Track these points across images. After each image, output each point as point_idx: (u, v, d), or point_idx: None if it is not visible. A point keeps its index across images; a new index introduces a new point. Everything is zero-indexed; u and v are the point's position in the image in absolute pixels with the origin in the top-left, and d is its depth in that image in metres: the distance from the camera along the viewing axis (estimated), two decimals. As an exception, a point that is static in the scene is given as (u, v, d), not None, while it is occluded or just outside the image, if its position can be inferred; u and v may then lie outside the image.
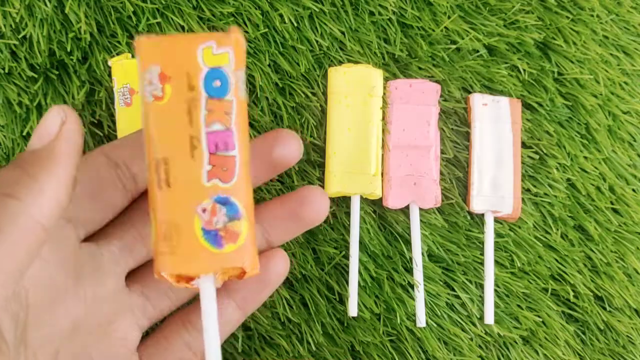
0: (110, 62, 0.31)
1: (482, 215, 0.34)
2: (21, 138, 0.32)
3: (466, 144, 0.35)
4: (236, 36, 0.20)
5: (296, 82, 0.34)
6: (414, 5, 0.35)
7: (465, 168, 0.35)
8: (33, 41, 0.32)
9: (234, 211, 0.20)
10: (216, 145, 0.19)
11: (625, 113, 0.37)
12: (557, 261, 0.35)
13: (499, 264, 0.34)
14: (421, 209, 0.34)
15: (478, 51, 0.35)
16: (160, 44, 0.19)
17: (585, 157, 0.36)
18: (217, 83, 0.19)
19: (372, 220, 0.34)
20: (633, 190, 0.36)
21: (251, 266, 0.20)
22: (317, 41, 0.34)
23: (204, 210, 0.19)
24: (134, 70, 0.31)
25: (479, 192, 0.34)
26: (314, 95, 0.34)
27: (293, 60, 0.34)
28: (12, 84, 0.31)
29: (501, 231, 0.35)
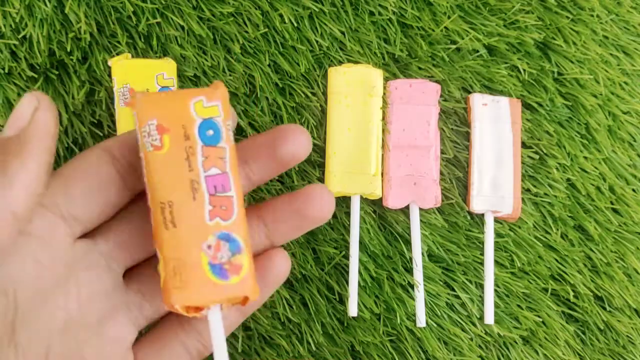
0: (110, 62, 0.31)
1: (482, 215, 0.34)
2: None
3: (466, 144, 0.35)
4: (222, 91, 0.22)
5: (296, 82, 0.34)
6: (414, 5, 0.35)
7: (465, 168, 0.35)
8: (33, 41, 0.32)
9: (236, 246, 0.22)
10: (215, 187, 0.21)
11: (625, 113, 0.37)
12: (557, 261, 0.35)
13: (499, 264, 0.34)
14: (421, 209, 0.34)
15: (478, 51, 0.35)
16: (155, 100, 0.21)
17: (585, 157, 0.36)
18: (210, 132, 0.21)
19: (372, 220, 0.34)
20: (633, 190, 0.36)
21: (253, 294, 0.22)
22: (317, 41, 0.34)
23: (209, 246, 0.21)
24: (134, 70, 0.31)
25: (479, 192, 0.34)
26: (314, 95, 0.34)
27: (293, 60, 0.34)
28: (12, 84, 0.31)
29: (501, 231, 0.35)
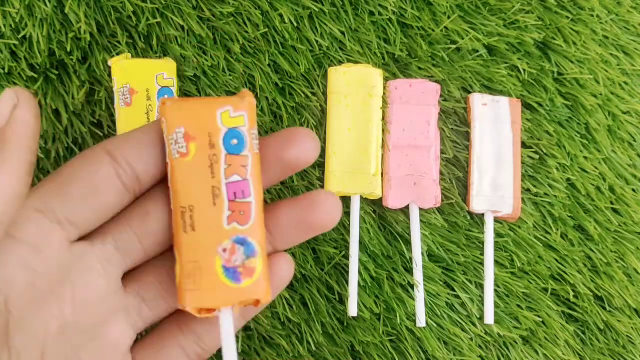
0: (110, 62, 0.31)
1: (482, 215, 0.34)
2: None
3: (466, 144, 0.35)
4: (249, 100, 0.22)
5: (296, 82, 0.34)
6: (414, 5, 0.35)
7: (465, 168, 0.35)
8: (33, 41, 0.32)
9: (251, 250, 0.22)
10: (235, 193, 0.22)
11: (625, 113, 0.37)
12: (557, 261, 0.35)
13: (499, 264, 0.34)
14: (421, 209, 0.34)
15: (478, 51, 0.35)
16: (183, 108, 0.22)
17: (585, 157, 0.36)
18: (235, 141, 0.22)
19: (372, 220, 0.34)
20: (633, 190, 0.36)
21: (265, 296, 0.22)
22: (317, 41, 0.34)
23: (224, 250, 0.22)
24: (134, 70, 0.31)
25: (479, 192, 0.34)
26: (314, 95, 0.34)
27: (293, 60, 0.34)
28: (12, 84, 0.31)
29: (501, 231, 0.35)
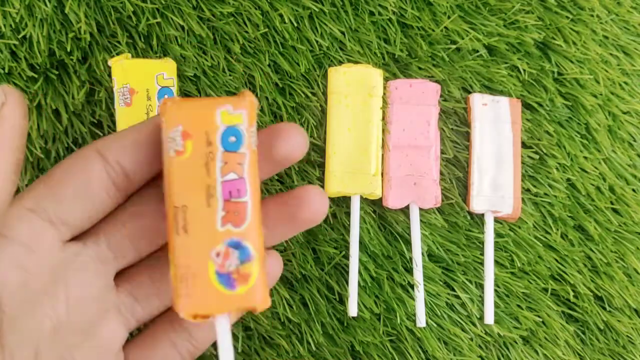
0: (110, 62, 0.31)
1: (482, 215, 0.34)
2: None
3: (466, 144, 0.35)
4: (250, 99, 0.21)
5: (296, 82, 0.34)
6: (414, 5, 0.35)
7: (465, 168, 0.35)
8: (33, 41, 0.32)
9: (246, 254, 0.21)
10: (230, 192, 0.21)
11: (625, 113, 0.37)
12: (557, 261, 0.35)
13: (499, 264, 0.34)
14: (421, 209, 0.34)
15: (478, 51, 0.35)
16: (183, 108, 0.21)
17: (585, 157, 0.36)
18: (233, 139, 0.21)
19: (372, 220, 0.34)
20: (633, 190, 0.36)
21: (262, 303, 0.21)
22: (317, 41, 0.34)
23: (218, 254, 0.21)
24: (134, 70, 0.31)
25: (479, 192, 0.34)
26: (314, 95, 0.34)
27: (293, 60, 0.34)
28: (12, 84, 0.31)
29: (501, 231, 0.35)
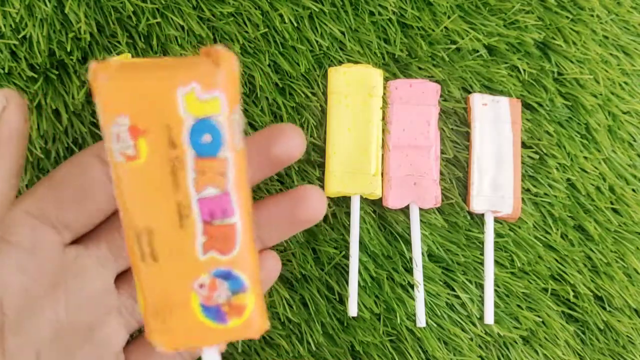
0: (110, 62, 0.31)
1: (482, 215, 0.34)
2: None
3: (466, 144, 0.35)
4: (227, 67, 0.15)
5: (296, 82, 0.34)
6: (414, 5, 0.35)
7: (465, 168, 0.35)
8: (33, 41, 0.32)
9: (238, 285, 0.17)
10: (211, 213, 0.16)
11: (625, 113, 0.37)
12: (557, 261, 0.35)
13: (499, 264, 0.34)
14: (421, 209, 0.34)
15: (478, 51, 0.35)
16: (126, 87, 0.15)
17: (585, 157, 0.36)
18: (207, 138, 0.15)
19: (372, 220, 0.34)
20: (633, 190, 0.36)
21: (258, 332, 0.18)
22: (317, 41, 0.34)
23: (202, 286, 0.17)
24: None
25: (479, 192, 0.34)
26: (314, 95, 0.34)
27: (293, 60, 0.34)
28: (12, 84, 0.31)
29: (501, 231, 0.35)
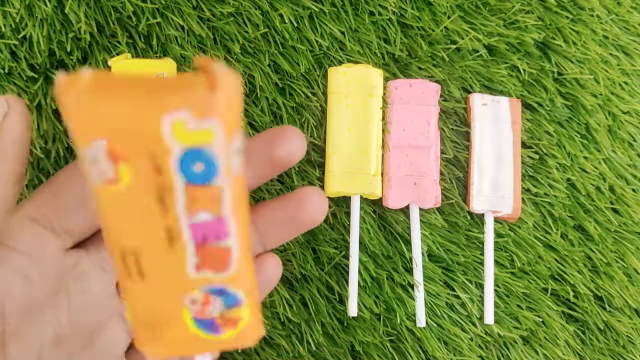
0: (110, 62, 0.31)
1: (482, 215, 0.34)
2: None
3: (466, 144, 0.35)
4: (224, 91, 0.12)
5: (296, 82, 0.34)
6: (414, 5, 0.35)
7: (465, 168, 0.35)
8: (33, 41, 0.32)
9: (233, 300, 0.16)
10: (204, 236, 0.15)
11: (625, 113, 0.37)
12: (557, 261, 0.35)
13: (499, 264, 0.34)
14: (421, 209, 0.34)
15: (478, 51, 0.35)
16: (101, 111, 0.13)
17: (585, 157, 0.36)
18: (199, 166, 0.13)
19: (372, 220, 0.34)
20: (633, 190, 0.36)
21: (255, 339, 0.17)
22: (317, 41, 0.34)
23: (194, 302, 0.16)
24: (134, 70, 0.31)
25: (479, 192, 0.34)
26: (314, 95, 0.34)
27: (293, 60, 0.34)
28: (12, 84, 0.31)
29: (501, 231, 0.35)
